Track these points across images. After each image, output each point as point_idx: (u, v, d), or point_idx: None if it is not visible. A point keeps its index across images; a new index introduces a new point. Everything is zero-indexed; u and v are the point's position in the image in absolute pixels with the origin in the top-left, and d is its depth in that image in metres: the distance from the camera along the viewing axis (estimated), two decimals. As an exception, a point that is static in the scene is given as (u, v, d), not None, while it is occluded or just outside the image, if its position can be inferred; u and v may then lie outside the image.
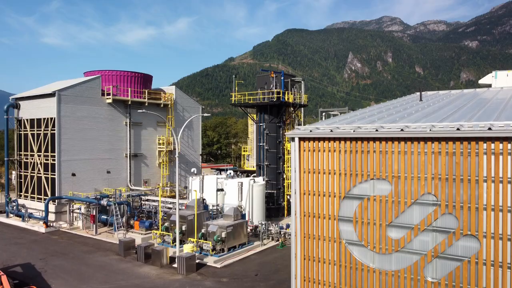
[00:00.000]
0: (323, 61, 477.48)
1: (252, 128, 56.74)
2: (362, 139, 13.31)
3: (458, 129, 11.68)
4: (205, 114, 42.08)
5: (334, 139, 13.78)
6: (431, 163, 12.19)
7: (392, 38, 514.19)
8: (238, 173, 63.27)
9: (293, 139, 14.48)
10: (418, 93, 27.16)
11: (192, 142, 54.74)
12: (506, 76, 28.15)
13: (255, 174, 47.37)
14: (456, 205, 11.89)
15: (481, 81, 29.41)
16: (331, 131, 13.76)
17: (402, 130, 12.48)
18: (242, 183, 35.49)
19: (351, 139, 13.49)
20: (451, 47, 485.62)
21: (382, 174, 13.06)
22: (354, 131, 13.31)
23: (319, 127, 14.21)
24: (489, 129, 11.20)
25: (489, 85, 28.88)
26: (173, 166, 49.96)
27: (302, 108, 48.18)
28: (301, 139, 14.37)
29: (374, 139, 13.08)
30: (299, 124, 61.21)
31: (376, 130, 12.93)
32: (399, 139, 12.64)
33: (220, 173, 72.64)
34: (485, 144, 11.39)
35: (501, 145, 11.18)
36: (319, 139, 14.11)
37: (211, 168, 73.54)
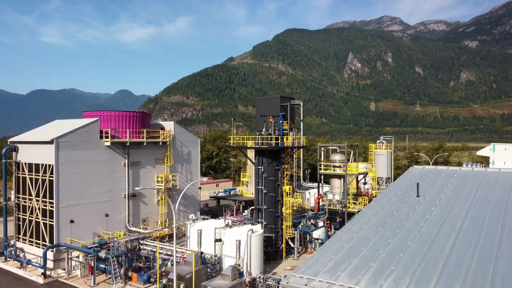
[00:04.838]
0: (323, 61, 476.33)
1: (251, 154, 56.73)
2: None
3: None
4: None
5: (330, 297, 13.83)
6: None
7: (392, 38, 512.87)
8: (236, 202, 63.45)
9: (289, 288, 14.52)
10: (415, 171, 27.22)
11: (190, 176, 54.70)
12: (504, 150, 28.17)
13: (253, 207, 47.58)
14: None
15: (479, 153, 29.43)
16: (327, 289, 13.80)
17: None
18: (240, 241, 35.51)
19: (347, 302, 13.55)
20: (451, 47, 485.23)
21: None
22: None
23: (314, 279, 14.24)
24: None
25: (487, 158, 28.94)
26: (173, 202, 49.90)
27: (302, 149, 48.23)
28: (297, 290, 14.41)
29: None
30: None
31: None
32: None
33: (219, 198, 72.52)
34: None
35: None
36: (315, 294, 14.14)
37: (210, 196, 73.52)
